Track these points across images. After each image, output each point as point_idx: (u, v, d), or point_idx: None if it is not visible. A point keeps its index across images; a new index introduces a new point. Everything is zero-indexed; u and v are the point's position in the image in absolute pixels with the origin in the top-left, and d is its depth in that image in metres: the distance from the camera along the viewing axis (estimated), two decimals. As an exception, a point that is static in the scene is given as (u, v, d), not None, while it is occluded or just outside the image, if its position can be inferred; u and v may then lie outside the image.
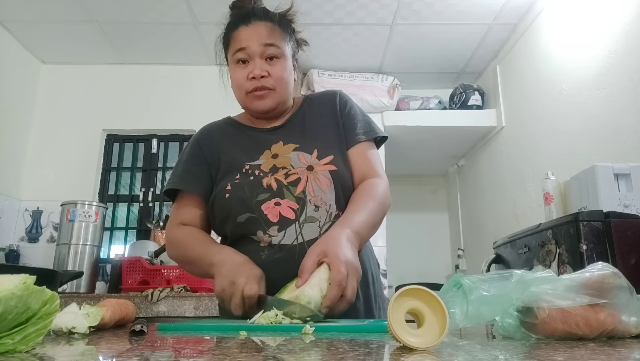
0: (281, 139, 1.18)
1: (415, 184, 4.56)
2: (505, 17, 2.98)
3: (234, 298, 0.94)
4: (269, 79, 1.13)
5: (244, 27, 1.14)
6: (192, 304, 2.39)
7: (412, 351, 0.49)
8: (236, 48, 1.14)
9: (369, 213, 1.07)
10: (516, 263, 1.99)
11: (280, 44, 1.15)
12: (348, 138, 1.20)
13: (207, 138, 1.23)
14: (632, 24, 2.03)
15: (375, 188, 1.13)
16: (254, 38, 1.13)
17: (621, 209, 1.72)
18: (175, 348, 0.56)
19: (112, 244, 3.38)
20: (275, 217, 1.07)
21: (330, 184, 1.11)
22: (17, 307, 0.46)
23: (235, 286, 0.94)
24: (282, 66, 1.15)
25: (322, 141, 1.18)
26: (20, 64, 3.29)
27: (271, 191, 1.09)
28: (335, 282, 0.88)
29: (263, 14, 1.16)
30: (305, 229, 1.07)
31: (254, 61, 1.13)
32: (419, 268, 4.23)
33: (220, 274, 1.00)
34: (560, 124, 2.55)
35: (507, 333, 0.60)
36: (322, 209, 1.09)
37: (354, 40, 3.24)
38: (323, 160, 1.14)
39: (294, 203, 1.08)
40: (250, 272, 0.98)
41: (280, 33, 1.16)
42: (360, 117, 1.24)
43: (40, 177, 3.28)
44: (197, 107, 3.36)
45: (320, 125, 1.21)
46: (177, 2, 2.85)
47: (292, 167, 1.12)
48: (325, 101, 1.26)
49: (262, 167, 1.13)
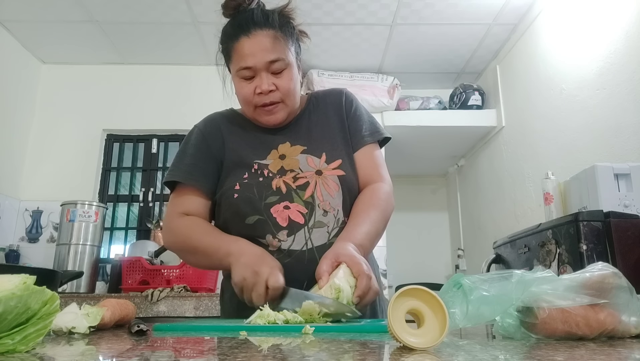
0: (288, 139, 1.17)
1: (415, 184, 4.56)
2: (505, 17, 2.98)
3: (257, 288, 0.92)
4: (276, 93, 1.11)
5: (246, 39, 1.09)
6: (192, 304, 2.39)
7: (412, 351, 0.49)
8: (241, 66, 1.09)
9: (371, 224, 1.07)
10: (516, 263, 1.99)
11: (285, 54, 1.10)
12: (354, 140, 1.20)
13: (213, 130, 1.21)
14: (632, 24, 2.03)
15: (378, 194, 1.13)
16: (258, 55, 1.08)
17: (621, 209, 1.72)
18: (175, 348, 0.56)
19: (112, 244, 3.38)
20: (285, 221, 1.07)
21: (338, 189, 1.11)
22: (17, 307, 0.46)
23: (258, 276, 0.93)
24: (289, 77, 1.11)
25: (329, 143, 1.17)
26: (20, 64, 3.29)
27: (280, 193, 1.08)
28: (363, 273, 0.89)
29: (263, 21, 1.10)
30: (314, 235, 1.07)
31: (260, 76, 1.09)
32: (419, 268, 4.23)
33: (240, 263, 0.98)
34: (560, 124, 2.55)
35: (507, 333, 0.60)
36: (330, 214, 1.09)
37: (354, 40, 3.24)
38: (331, 164, 1.13)
39: (302, 208, 1.08)
40: (272, 263, 0.97)
41: (283, 40, 1.11)
42: (366, 118, 1.24)
43: (40, 177, 3.28)
44: (197, 107, 3.33)
45: (327, 126, 1.21)
46: (177, 2, 2.85)
47: (301, 170, 1.12)
48: (331, 101, 1.25)
49: (270, 167, 1.12)
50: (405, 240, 4.25)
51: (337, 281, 0.87)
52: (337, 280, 0.87)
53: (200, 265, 1.18)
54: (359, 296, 0.87)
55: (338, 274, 0.89)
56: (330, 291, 0.86)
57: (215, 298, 2.42)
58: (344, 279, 0.88)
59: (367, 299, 0.90)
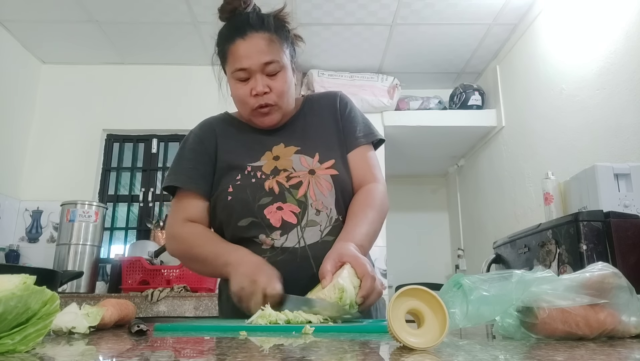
0: (282, 140, 1.18)
1: (415, 184, 4.56)
2: (505, 17, 2.98)
3: (255, 297, 0.94)
4: (271, 95, 1.12)
5: (241, 41, 1.10)
6: (192, 304, 2.39)
7: (412, 351, 0.49)
8: (236, 67, 1.11)
9: (369, 224, 1.08)
10: (516, 263, 1.99)
11: (280, 57, 1.12)
12: (348, 141, 1.21)
13: (208, 133, 1.22)
14: (632, 24, 2.03)
15: (373, 194, 1.15)
16: (253, 56, 1.09)
17: (621, 209, 1.72)
18: (175, 348, 0.56)
19: (112, 244, 3.38)
20: (278, 222, 1.08)
21: (331, 188, 1.12)
22: (17, 307, 0.46)
23: (256, 285, 0.95)
24: (283, 79, 1.13)
25: (323, 144, 1.18)
26: (20, 64, 3.29)
27: (273, 194, 1.10)
28: (367, 273, 0.90)
29: (259, 24, 1.12)
30: (306, 233, 1.08)
31: (255, 78, 1.11)
32: (419, 268, 4.23)
33: (238, 273, 1.00)
34: (560, 124, 2.55)
35: (507, 333, 0.60)
36: (323, 213, 1.11)
37: (354, 40, 3.24)
38: (325, 164, 1.15)
39: (295, 207, 1.09)
40: (270, 271, 0.98)
41: (278, 43, 1.13)
42: (360, 120, 1.25)
43: (40, 177, 3.28)
44: (197, 107, 3.33)
45: (321, 127, 1.22)
46: (177, 2, 2.85)
47: (294, 170, 1.13)
48: (326, 103, 1.27)
49: (264, 168, 1.13)
50: (405, 240, 4.25)
51: (340, 281, 0.87)
52: (340, 280, 0.87)
53: (201, 273, 1.21)
54: (362, 296, 0.88)
55: (342, 274, 0.89)
56: (333, 290, 0.86)
57: (215, 298, 2.42)
58: (347, 279, 0.88)
59: (371, 300, 0.90)
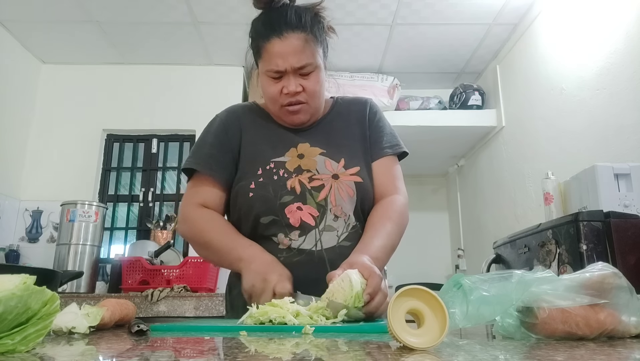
0: (308, 140, 1.18)
1: (415, 184, 4.55)
2: (505, 17, 2.98)
3: (265, 295, 0.95)
4: (303, 94, 1.12)
5: (277, 41, 1.08)
6: (192, 304, 2.39)
7: (412, 351, 0.49)
8: (271, 68, 1.10)
9: (387, 237, 1.09)
10: (516, 263, 1.99)
11: (314, 58, 1.11)
12: (374, 150, 1.21)
13: (234, 123, 1.21)
14: (632, 24, 2.03)
15: (394, 207, 1.15)
16: (289, 58, 1.08)
17: (621, 209, 1.72)
18: (175, 348, 0.56)
19: (112, 244, 3.38)
20: (297, 221, 1.09)
21: (353, 195, 1.13)
22: (17, 307, 0.46)
23: (267, 283, 0.96)
24: (316, 79, 1.13)
25: (348, 150, 1.19)
26: (20, 64, 3.29)
27: (295, 194, 1.10)
28: (374, 273, 0.90)
29: (296, 22, 1.09)
30: (324, 237, 1.09)
31: (288, 77, 1.10)
32: (419, 268, 4.22)
33: (250, 270, 1.01)
34: (560, 124, 2.55)
35: (507, 333, 0.60)
36: (341, 219, 1.11)
37: (354, 40, 3.24)
38: (350, 170, 1.15)
39: (314, 210, 1.10)
40: (281, 270, 0.99)
41: (313, 43, 1.11)
42: (387, 131, 1.25)
43: (40, 177, 3.28)
44: (197, 107, 3.36)
45: (348, 134, 1.22)
46: (177, 2, 2.85)
47: (317, 172, 1.13)
48: (355, 109, 1.26)
49: (287, 165, 1.13)
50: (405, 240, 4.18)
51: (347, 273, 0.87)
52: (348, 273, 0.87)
53: (210, 260, 1.22)
54: (369, 293, 0.87)
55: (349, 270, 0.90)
56: (340, 281, 0.86)
57: (215, 298, 2.42)
58: (354, 274, 0.88)
59: (377, 300, 0.89)
